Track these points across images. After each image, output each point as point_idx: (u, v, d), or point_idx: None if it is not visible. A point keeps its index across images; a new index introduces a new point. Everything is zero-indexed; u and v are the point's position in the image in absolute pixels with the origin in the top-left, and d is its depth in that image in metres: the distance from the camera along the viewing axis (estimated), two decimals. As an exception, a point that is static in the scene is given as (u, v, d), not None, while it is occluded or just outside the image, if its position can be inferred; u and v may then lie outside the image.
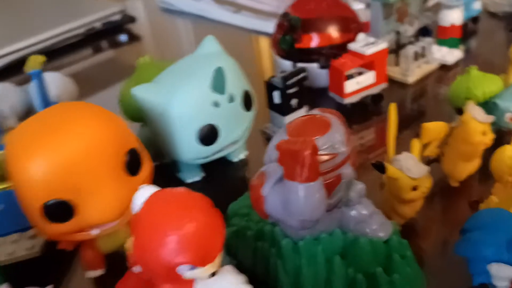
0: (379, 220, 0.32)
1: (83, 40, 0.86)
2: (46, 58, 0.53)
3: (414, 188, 0.36)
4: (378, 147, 0.50)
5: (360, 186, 0.32)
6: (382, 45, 0.53)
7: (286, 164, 0.26)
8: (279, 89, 0.49)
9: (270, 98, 0.51)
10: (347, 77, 0.53)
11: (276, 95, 0.50)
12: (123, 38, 0.89)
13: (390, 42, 0.58)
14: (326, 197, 0.28)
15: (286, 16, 0.51)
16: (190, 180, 0.48)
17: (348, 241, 0.32)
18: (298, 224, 0.27)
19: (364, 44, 0.53)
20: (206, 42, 0.46)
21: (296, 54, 0.55)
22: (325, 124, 0.30)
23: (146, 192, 0.27)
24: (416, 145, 0.39)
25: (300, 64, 0.54)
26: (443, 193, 0.43)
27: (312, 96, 0.56)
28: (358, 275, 0.31)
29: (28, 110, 0.60)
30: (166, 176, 0.48)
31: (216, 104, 0.42)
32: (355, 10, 0.61)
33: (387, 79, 0.56)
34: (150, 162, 0.38)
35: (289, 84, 0.49)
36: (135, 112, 0.46)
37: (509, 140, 0.40)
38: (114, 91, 0.63)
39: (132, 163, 0.35)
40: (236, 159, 0.50)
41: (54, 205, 0.32)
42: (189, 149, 0.43)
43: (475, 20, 0.71)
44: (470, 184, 0.43)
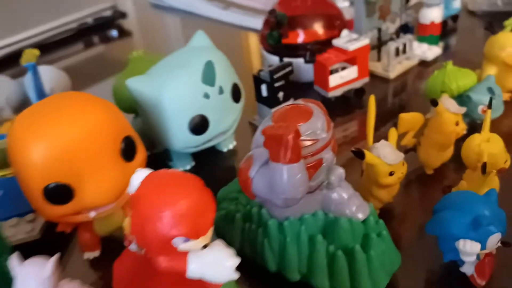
0: (358, 202, 0.35)
1: (75, 35, 0.87)
2: (39, 52, 0.54)
3: (391, 174, 0.39)
4: (360, 139, 0.52)
5: (340, 171, 0.35)
6: (364, 41, 0.56)
7: (271, 147, 0.29)
8: (266, 82, 0.52)
9: (258, 91, 0.53)
10: (331, 71, 0.55)
11: (263, 88, 0.53)
12: (114, 33, 0.91)
13: (372, 38, 0.61)
14: (308, 179, 0.31)
15: (273, 12, 0.54)
16: (181, 169, 0.50)
17: (329, 221, 0.35)
18: (282, 202, 0.30)
19: (347, 40, 0.56)
20: (197, 37, 0.48)
21: (282, 49, 0.57)
22: (307, 112, 0.32)
23: (142, 174, 0.30)
24: (393, 133, 0.41)
25: (286, 59, 0.56)
26: (419, 180, 0.46)
27: (298, 90, 0.58)
28: (338, 252, 0.33)
29: (23, 102, 0.62)
30: (158, 165, 0.49)
31: (206, 95, 0.44)
32: (340, 8, 0.64)
33: (369, 74, 0.59)
34: (143, 150, 0.40)
35: (276, 77, 0.51)
36: (128, 103, 0.48)
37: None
38: (105, 85, 0.65)
39: (128, 149, 0.37)
40: (225, 149, 0.52)
41: (54, 188, 0.34)
42: (180, 138, 0.45)
43: (455, 18, 0.74)
44: (443, 171, 0.46)
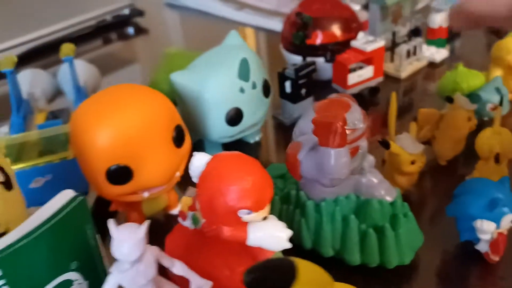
0: (386, 186, 0.39)
1: (93, 32, 0.91)
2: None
3: (412, 162, 0.43)
4: (375, 134, 0.56)
5: (371, 158, 0.39)
6: (380, 43, 0.60)
7: (320, 134, 0.33)
8: (291, 79, 0.56)
9: (282, 88, 0.58)
10: (350, 70, 0.59)
11: (287, 85, 0.57)
12: (130, 31, 0.94)
13: (386, 40, 0.65)
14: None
15: (300, 14, 0.58)
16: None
17: (361, 202, 0.39)
18: (329, 182, 0.34)
19: (364, 42, 0.60)
20: (231, 36, 0.52)
21: (304, 49, 0.61)
22: (346, 105, 0.37)
23: (200, 157, 0.34)
24: (413, 127, 0.46)
25: (308, 58, 0.60)
26: (434, 170, 0.50)
27: (317, 87, 0.62)
28: (369, 230, 0.38)
29: (55, 93, 0.65)
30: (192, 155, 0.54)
31: (241, 90, 0.48)
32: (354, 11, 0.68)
33: (383, 74, 0.63)
34: (189, 138, 0.44)
35: (300, 75, 0.55)
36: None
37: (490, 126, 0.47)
38: (125, 80, 0.69)
39: (178, 137, 0.41)
40: (252, 141, 0.56)
41: (116, 169, 0.38)
42: (217, 128, 0.49)
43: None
44: (456, 163, 0.50)
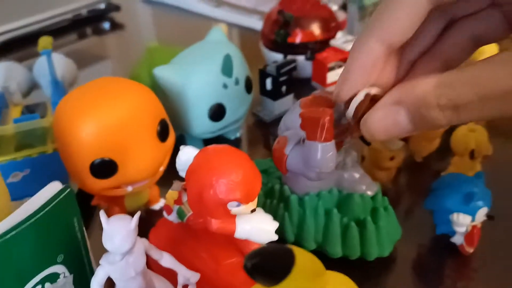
0: (367, 181, 0.40)
1: (69, 26, 0.89)
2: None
3: (391, 158, 0.45)
4: (356, 130, 0.58)
5: (354, 153, 0.40)
6: (358, 42, 0.61)
7: (308, 128, 0.34)
8: (272, 76, 0.57)
9: (262, 84, 0.58)
10: (329, 69, 0.61)
11: (268, 82, 0.57)
12: (106, 26, 0.93)
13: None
14: (334, 157, 0.36)
15: (281, 12, 0.58)
16: (193, 153, 0.54)
17: (343, 196, 0.40)
18: (315, 175, 0.35)
19: (344, 41, 0.61)
20: (213, 32, 0.52)
21: (284, 47, 0.62)
22: (330, 101, 0.37)
23: (188, 150, 0.34)
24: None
25: (289, 56, 0.61)
26: (410, 167, 0.52)
27: (297, 85, 0.63)
28: (351, 223, 0.39)
29: (31, 87, 0.64)
30: (173, 150, 0.54)
31: (224, 85, 0.49)
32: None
33: (361, 73, 0.64)
34: (173, 132, 0.44)
35: (281, 72, 0.56)
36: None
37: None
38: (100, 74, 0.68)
39: (163, 131, 0.41)
40: (232, 137, 0.56)
41: (100, 163, 0.38)
42: (200, 124, 0.49)
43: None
44: (431, 159, 0.52)
